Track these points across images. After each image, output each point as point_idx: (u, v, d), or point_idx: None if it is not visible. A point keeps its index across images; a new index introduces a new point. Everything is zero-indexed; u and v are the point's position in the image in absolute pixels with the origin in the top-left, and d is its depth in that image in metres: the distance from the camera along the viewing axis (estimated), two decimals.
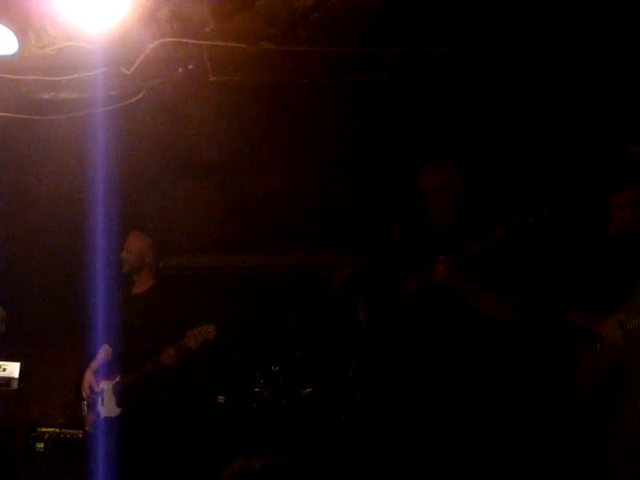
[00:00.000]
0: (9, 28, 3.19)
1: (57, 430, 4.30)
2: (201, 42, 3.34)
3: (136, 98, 3.54)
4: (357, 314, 2.99)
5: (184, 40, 3.33)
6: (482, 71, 3.52)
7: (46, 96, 3.61)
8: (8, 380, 3.43)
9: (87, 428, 3.93)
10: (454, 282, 2.63)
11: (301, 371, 4.19)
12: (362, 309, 2.97)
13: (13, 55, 3.33)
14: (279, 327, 4.73)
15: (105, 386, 3.98)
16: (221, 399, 4.10)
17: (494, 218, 2.70)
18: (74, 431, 4.29)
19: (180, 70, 3.45)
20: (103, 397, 3.97)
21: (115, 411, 3.91)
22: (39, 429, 4.27)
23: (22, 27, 3.26)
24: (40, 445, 4.23)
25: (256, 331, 4.55)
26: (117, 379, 3.96)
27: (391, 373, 2.83)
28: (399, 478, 2.86)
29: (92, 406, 3.96)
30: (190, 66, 3.44)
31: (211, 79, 3.45)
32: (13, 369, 3.44)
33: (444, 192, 2.82)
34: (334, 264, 5.04)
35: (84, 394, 3.97)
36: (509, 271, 2.69)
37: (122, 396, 3.93)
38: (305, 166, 4.40)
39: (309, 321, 4.68)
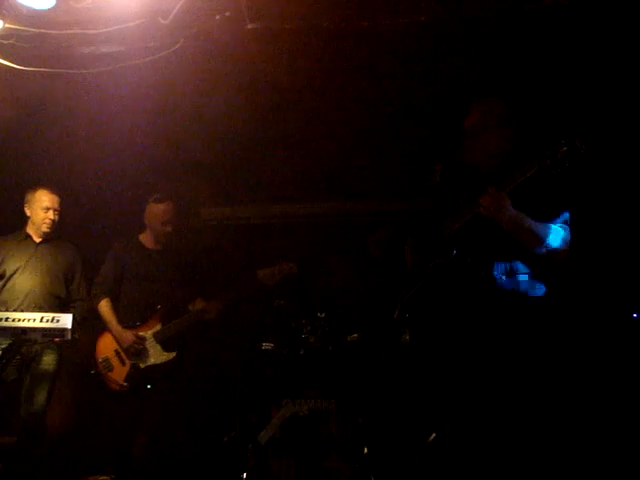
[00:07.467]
0: None
1: None
2: None
3: (174, 48, 3.51)
4: (403, 259, 3.03)
5: None
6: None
7: (85, 50, 3.62)
8: (62, 331, 3.50)
9: (123, 382, 4.00)
10: (500, 212, 2.61)
11: (347, 317, 4.23)
12: (409, 253, 3.00)
13: (51, 9, 3.35)
14: (324, 274, 4.77)
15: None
16: (269, 346, 4.17)
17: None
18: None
19: (217, 18, 3.41)
20: (145, 348, 4.09)
21: (163, 357, 4.05)
22: None
23: None
24: None
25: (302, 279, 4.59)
26: (157, 328, 4.08)
27: (437, 312, 2.84)
28: (447, 420, 2.90)
29: (121, 361, 4.07)
30: (227, 13, 3.38)
31: (249, 26, 3.40)
32: (66, 320, 3.52)
33: (493, 131, 2.83)
34: (377, 211, 5.05)
35: (131, 349, 4.04)
36: (549, 203, 2.70)
37: (169, 343, 4.06)
38: (347, 113, 4.34)
39: (353, 268, 4.71)
